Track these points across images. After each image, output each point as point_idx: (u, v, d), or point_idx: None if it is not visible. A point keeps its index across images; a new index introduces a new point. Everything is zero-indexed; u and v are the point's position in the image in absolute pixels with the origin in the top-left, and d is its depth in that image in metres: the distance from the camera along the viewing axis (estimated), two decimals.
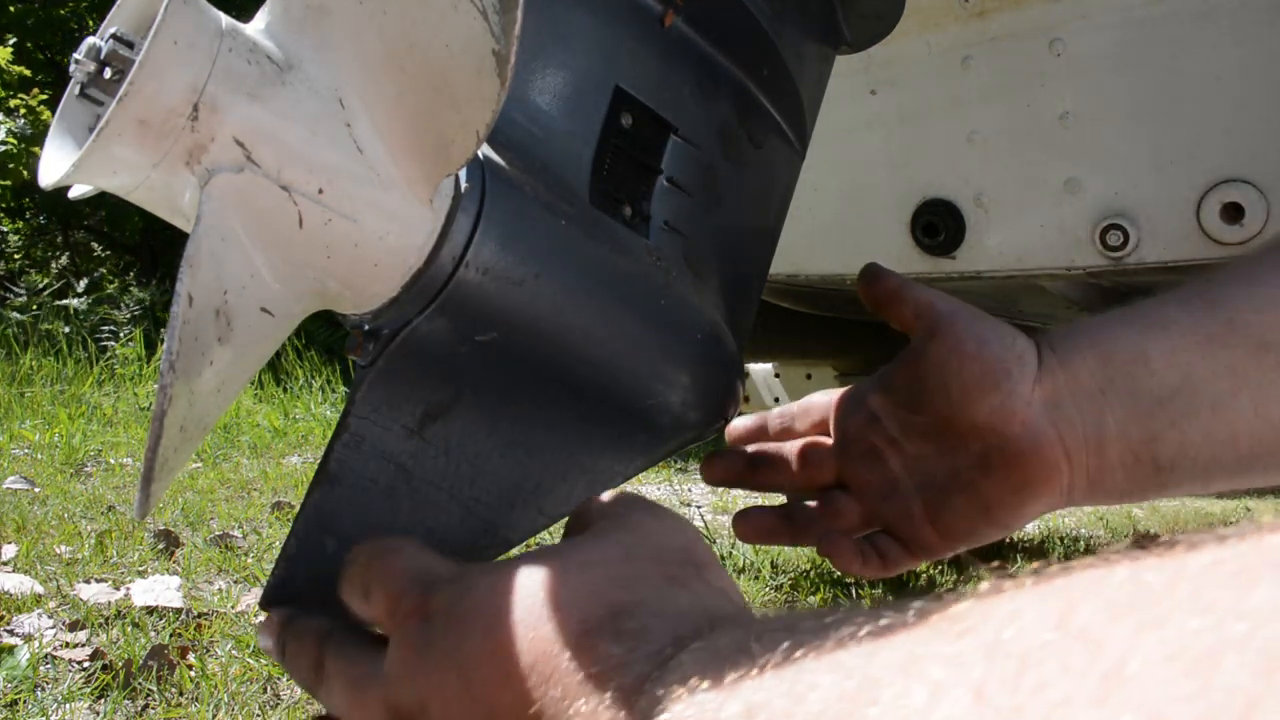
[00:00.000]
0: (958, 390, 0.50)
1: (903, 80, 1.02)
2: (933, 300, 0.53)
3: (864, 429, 0.55)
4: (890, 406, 0.54)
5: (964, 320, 0.51)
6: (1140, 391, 0.48)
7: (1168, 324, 0.49)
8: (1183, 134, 0.90)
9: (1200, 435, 0.48)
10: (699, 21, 0.50)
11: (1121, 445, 0.48)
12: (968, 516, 0.51)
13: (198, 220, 0.34)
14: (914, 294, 0.53)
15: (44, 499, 2.08)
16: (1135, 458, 0.48)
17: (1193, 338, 0.48)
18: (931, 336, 0.52)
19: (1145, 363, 0.48)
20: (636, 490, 2.15)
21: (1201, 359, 0.48)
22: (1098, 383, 0.49)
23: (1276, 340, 0.47)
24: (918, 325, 0.53)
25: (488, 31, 0.34)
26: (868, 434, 0.54)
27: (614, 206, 0.46)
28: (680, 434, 0.50)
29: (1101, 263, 0.94)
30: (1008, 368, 0.50)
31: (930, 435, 0.52)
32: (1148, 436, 0.48)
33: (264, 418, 3.58)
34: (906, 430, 0.53)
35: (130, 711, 1.10)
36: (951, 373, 0.50)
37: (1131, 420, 0.48)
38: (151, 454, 0.33)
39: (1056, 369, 0.50)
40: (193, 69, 0.34)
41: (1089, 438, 0.49)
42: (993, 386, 0.49)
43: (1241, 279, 0.50)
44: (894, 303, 0.54)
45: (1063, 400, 0.49)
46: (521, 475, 0.46)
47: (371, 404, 0.41)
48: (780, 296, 1.29)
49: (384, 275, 0.38)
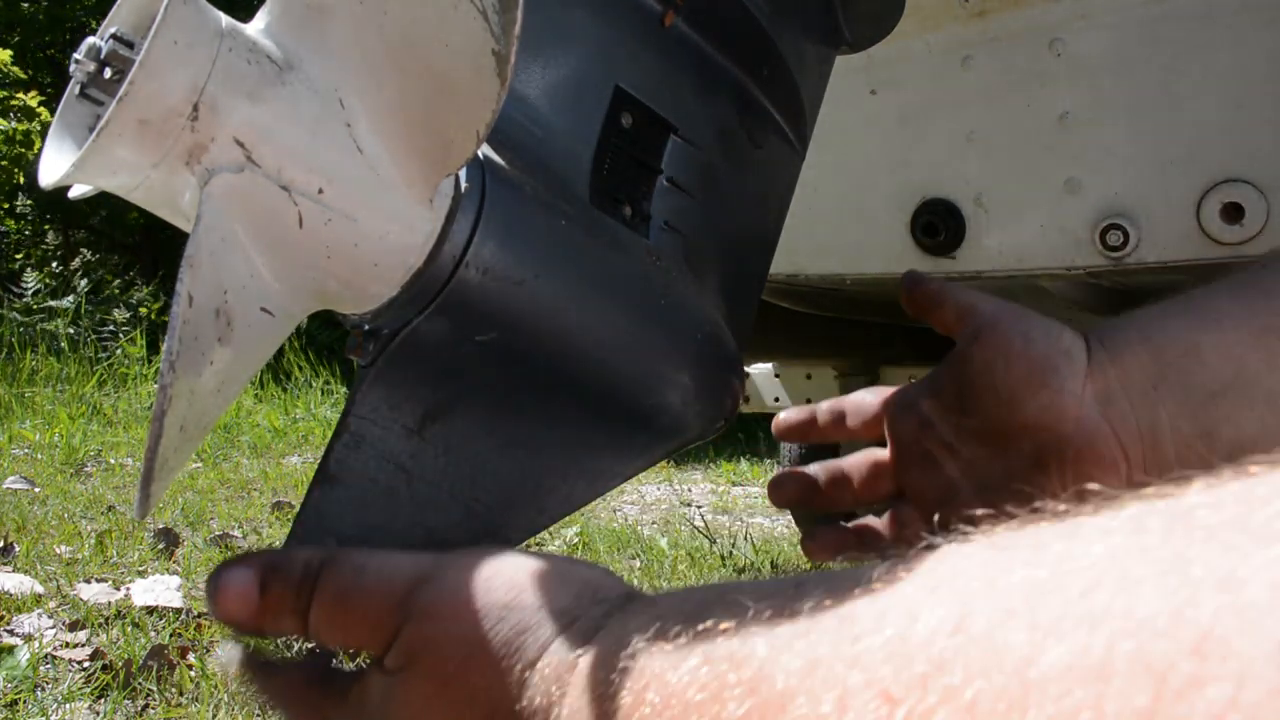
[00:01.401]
0: (1006, 391, 0.49)
1: (903, 80, 1.02)
2: (975, 302, 0.52)
3: (918, 434, 0.54)
4: (942, 411, 0.53)
5: (1008, 319, 0.51)
6: (1193, 385, 0.47)
7: (1220, 315, 0.48)
8: (1183, 134, 0.89)
9: (1256, 429, 0.46)
10: (699, 21, 0.50)
11: (1175, 439, 0.47)
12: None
13: (198, 220, 0.34)
14: (956, 297, 0.53)
15: (44, 499, 2.08)
16: (1191, 452, 0.47)
17: (1246, 329, 0.47)
18: (976, 338, 0.51)
19: (1197, 355, 0.47)
20: (637, 490, 2.17)
21: (1255, 351, 0.46)
22: (1149, 377, 0.48)
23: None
24: (961, 328, 0.52)
25: (488, 31, 0.34)
26: (922, 439, 0.54)
27: (614, 206, 0.46)
28: (680, 434, 0.50)
29: (1101, 263, 0.94)
30: (1055, 364, 0.49)
31: (984, 438, 0.51)
32: (1202, 431, 0.47)
33: (264, 418, 3.57)
34: (960, 434, 0.52)
35: (130, 711, 1.10)
36: (999, 374, 0.50)
37: (1184, 415, 0.47)
38: (151, 454, 0.33)
39: (1107, 364, 0.48)
40: (193, 69, 0.34)
41: (1144, 432, 0.47)
42: (1041, 384, 0.48)
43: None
44: (936, 307, 0.53)
45: (1115, 395, 0.48)
46: (521, 475, 0.46)
47: (371, 404, 0.41)
48: (780, 296, 1.29)
49: (384, 275, 0.38)
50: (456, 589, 0.35)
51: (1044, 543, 0.19)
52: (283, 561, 0.38)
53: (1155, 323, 0.49)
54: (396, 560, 0.37)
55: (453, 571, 0.36)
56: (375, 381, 0.41)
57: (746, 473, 3.78)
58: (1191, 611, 0.15)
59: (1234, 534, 0.16)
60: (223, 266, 0.35)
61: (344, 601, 0.37)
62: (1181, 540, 0.16)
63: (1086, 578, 0.17)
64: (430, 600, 0.35)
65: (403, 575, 0.36)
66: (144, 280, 5.20)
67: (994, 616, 0.18)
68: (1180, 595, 0.15)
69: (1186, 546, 0.16)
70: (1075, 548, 0.18)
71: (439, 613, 0.35)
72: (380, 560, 0.38)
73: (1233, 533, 0.16)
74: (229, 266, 0.35)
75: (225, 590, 0.37)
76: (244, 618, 0.38)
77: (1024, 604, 0.17)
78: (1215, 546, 0.16)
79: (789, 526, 2.55)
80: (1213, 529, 0.16)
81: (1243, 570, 0.15)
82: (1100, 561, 0.17)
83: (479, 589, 0.35)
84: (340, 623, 0.37)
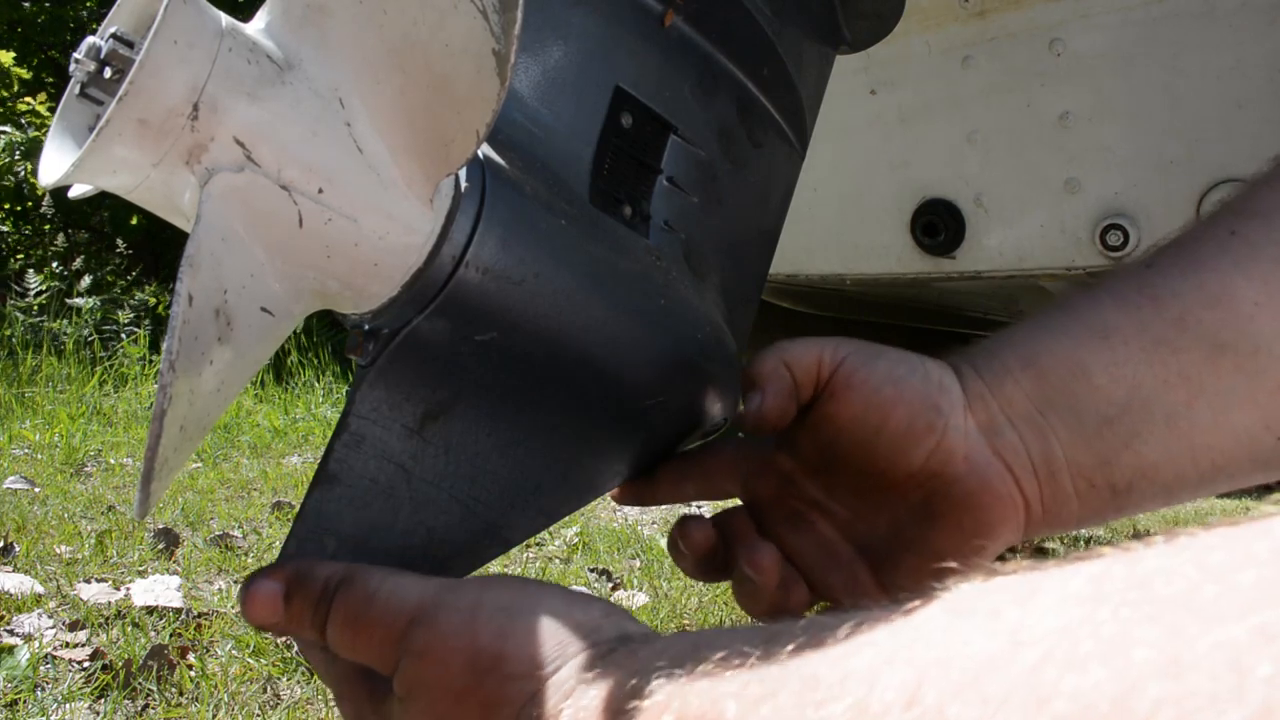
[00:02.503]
0: (885, 443, 0.44)
1: (903, 80, 1.02)
2: (819, 353, 0.46)
3: (780, 493, 0.48)
4: (806, 471, 0.47)
5: (865, 366, 0.45)
6: (1084, 411, 0.42)
7: (1107, 331, 0.43)
8: (1183, 134, 0.89)
9: (1158, 454, 0.42)
10: (699, 21, 0.50)
11: (1073, 471, 0.43)
12: (919, 572, 0.44)
13: (198, 220, 0.34)
14: (794, 356, 0.46)
15: (44, 499, 2.08)
16: (1089, 484, 0.43)
17: (1137, 344, 0.42)
18: (833, 396, 0.45)
19: (1086, 378, 0.42)
20: None
21: (1149, 368, 0.42)
22: (1035, 404, 0.43)
23: (1231, 340, 0.42)
24: (811, 389, 0.46)
25: (488, 31, 0.34)
26: (786, 498, 0.48)
27: (614, 206, 0.46)
28: (680, 434, 0.50)
29: (1102, 263, 0.94)
30: (935, 402, 0.43)
31: (860, 494, 0.46)
32: (1099, 461, 0.43)
33: (264, 418, 3.57)
34: (831, 491, 0.47)
35: (130, 711, 1.10)
36: (872, 428, 0.44)
37: (1079, 444, 0.43)
38: (151, 453, 0.33)
39: (986, 394, 0.44)
40: (193, 69, 0.34)
41: (1038, 465, 0.43)
42: (926, 429, 0.43)
43: (1185, 266, 0.44)
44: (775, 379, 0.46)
45: (1000, 426, 0.43)
46: (521, 475, 0.46)
47: (372, 403, 0.41)
48: (780, 296, 1.29)
49: (384, 275, 0.38)
50: (448, 633, 0.36)
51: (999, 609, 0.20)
52: (307, 575, 0.40)
53: (1034, 343, 0.44)
54: (404, 589, 0.38)
55: (446, 613, 0.36)
56: (375, 381, 0.41)
57: None
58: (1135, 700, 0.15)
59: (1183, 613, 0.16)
60: (223, 266, 0.35)
61: (353, 624, 0.38)
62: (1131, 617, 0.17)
63: (1037, 651, 0.18)
64: (424, 642, 0.36)
65: (406, 608, 0.37)
66: (147, 280, 5.20)
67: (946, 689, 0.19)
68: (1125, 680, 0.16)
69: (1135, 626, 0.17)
70: (1029, 618, 0.19)
71: (431, 655, 0.36)
72: (391, 586, 0.38)
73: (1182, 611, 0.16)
74: (229, 266, 0.35)
75: (254, 598, 0.40)
76: (270, 624, 0.40)
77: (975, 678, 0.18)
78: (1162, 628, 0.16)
79: None
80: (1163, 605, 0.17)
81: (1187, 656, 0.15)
82: (1052, 634, 0.18)
83: (471, 634, 0.35)
84: (351, 643, 0.38)
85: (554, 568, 1.89)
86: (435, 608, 0.37)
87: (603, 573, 1.88)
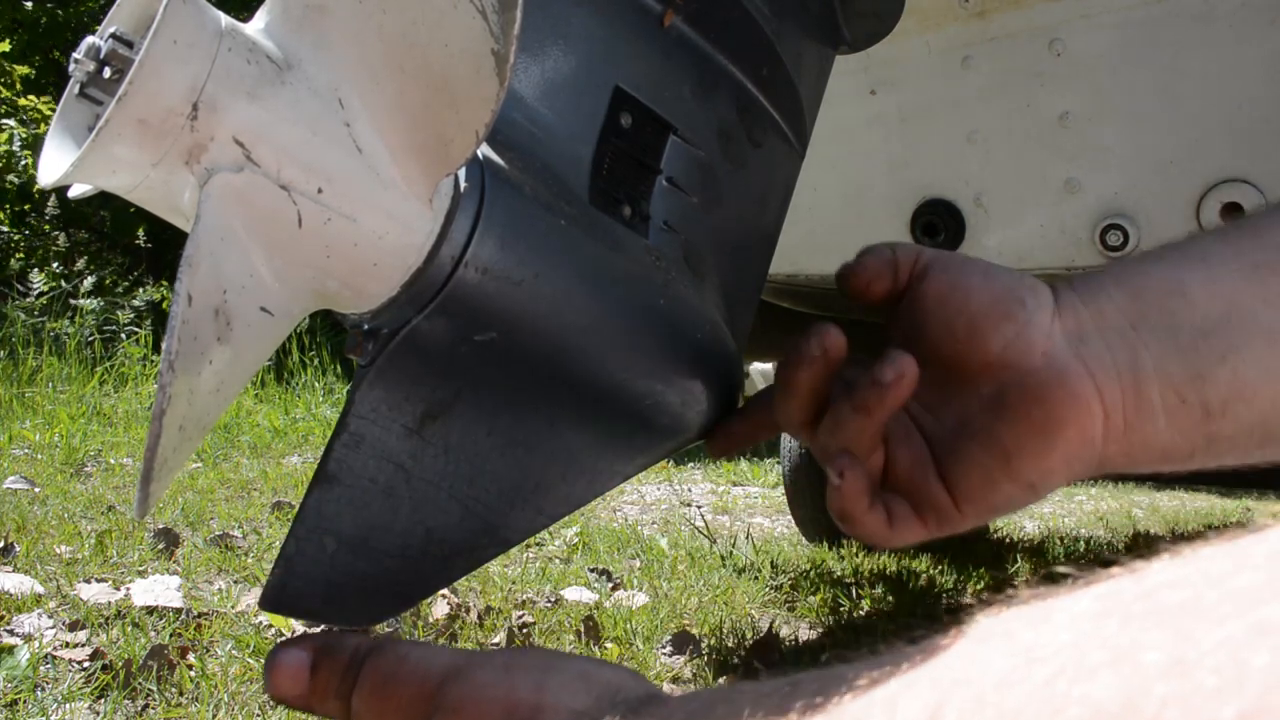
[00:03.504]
0: (964, 325, 0.44)
1: (903, 80, 1.02)
2: (918, 250, 0.47)
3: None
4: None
5: (961, 258, 0.46)
6: (1179, 325, 0.41)
7: (1206, 255, 0.42)
8: (1183, 134, 0.90)
9: (1256, 373, 0.41)
10: (698, 21, 0.50)
11: (1162, 383, 0.41)
12: (984, 468, 0.44)
13: (197, 220, 0.34)
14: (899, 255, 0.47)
15: (44, 499, 2.08)
16: (1180, 399, 0.41)
17: (1235, 265, 0.41)
18: (926, 275, 0.46)
19: (1182, 294, 0.42)
20: (637, 490, 2.16)
21: (1248, 285, 0.41)
22: (1128, 318, 0.42)
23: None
24: (909, 270, 0.47)
25: (487, 31, 0.34)
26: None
27: (613, 206, 0.46)
28: (680, 434, 0.50)
29: (1102, 263, 0.94)
30: (1020, 296, 0.43)
31: (935, 381, 0.46)
32: (1193, 374, 0.41)
33: (264, 418, 3.58)
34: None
35: (130, 711, 1.10)
36: (956, 306, 0.44)
37: (1171, 355, 0.41)
38: (151, 453, 0.33)
39: (1078, 304, 0.43)
40: (192, 68, 0.34)
41: (1123, 373, 0.42)
42: (1005, 316, 0.43)
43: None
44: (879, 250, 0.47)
45: (1088, 334, 0.43)
46: (521, 475, 0.46)
47: (371, 403, 0.41)
48: (780, 296, 1.29)
49: (383, 275, 0.38)
50: (483, 686, 0.36)
51: (1015, 632, 0.21)
52: (335, 645, 0.40)
53: (1132, 267, 0.44)
54: (436, 653, 0.39)
55: (480, 669, 0.37)
56: (375, 381, 0.41)
57: (746, 473, 3.78)
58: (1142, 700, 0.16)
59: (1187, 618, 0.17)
60: (222, 266, 0.35)
61: (384, 687, 0.38)
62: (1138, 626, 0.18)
63: (1051, 666, 0.18)
64: (459, 696, 0.36)
65: (438, 668, 0.38)
66: (148, 280, 5.20)
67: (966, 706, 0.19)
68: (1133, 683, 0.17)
69: (1142, 632, 0.18)
70: (1043, 636, 0.20)
71: (467, 709, 0.36)
72: (421, 651, 0.39)
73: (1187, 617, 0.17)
74: (228, 266, 0.35)
75: (279, 668, 0.39)
76: (293, 696, 0.40)
77: (993, 693, 0.19)
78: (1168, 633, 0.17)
79: (789, 527, 2.55)
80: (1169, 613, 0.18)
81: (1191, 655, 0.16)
82: (1064, 649, 0.19)
83: (508, 685, 0.36)
84: (378, 709, 0.38)
85: (554, 568, 1.89)
86: (469, 666, 0.37)
87: (603, 573, 1.88)
